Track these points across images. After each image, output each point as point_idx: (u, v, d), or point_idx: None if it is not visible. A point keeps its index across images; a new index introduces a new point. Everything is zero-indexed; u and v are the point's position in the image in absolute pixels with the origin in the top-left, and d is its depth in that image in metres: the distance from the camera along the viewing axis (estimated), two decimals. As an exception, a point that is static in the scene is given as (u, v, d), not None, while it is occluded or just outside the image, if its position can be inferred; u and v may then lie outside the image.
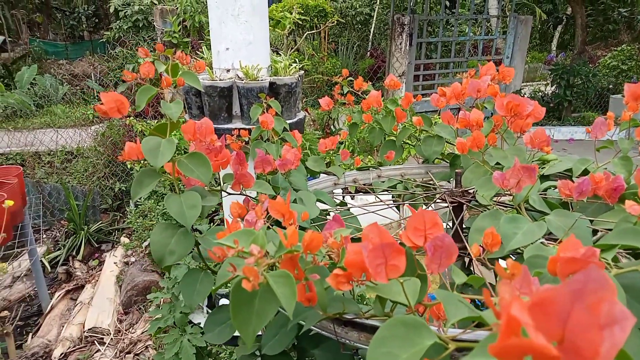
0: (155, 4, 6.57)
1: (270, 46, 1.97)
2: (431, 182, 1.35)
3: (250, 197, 1.02)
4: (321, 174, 1.40)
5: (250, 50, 1.69)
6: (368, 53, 8.51)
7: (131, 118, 4.72)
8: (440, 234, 0.52)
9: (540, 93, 7.57)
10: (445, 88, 1.17)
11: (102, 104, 0.76)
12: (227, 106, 1.68)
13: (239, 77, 1.66)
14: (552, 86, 7.33)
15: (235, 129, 1.41)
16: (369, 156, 4.09)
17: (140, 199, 4.30)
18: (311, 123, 4.77)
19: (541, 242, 0.80)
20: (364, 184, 1.37)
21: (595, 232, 0.92)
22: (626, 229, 0.62)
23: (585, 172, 1.16)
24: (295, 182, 1.16)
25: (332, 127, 4.54)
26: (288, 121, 1.71)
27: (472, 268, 1.02)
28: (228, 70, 1.70)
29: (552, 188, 1.12)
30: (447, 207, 0.97)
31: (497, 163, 1.10)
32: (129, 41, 6.84)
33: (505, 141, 1.07)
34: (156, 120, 4.39)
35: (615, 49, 8.50)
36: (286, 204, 0.57)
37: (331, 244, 0.56)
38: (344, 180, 1.36)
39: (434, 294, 0.50)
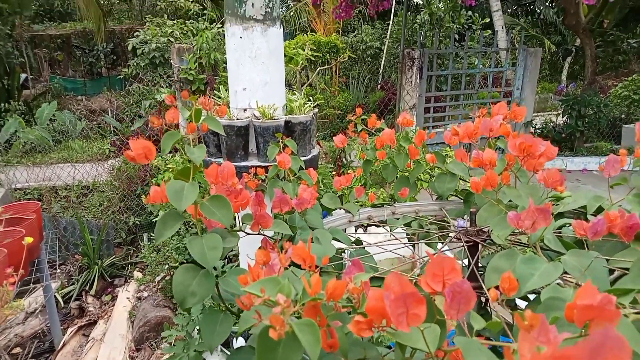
0: (172, 42, 6.80)
1: (295, 96, 2.04)
2: (445, 219, 1.36)
3: (268, 237, 1.04)
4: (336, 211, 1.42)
5: (267, 90, 1.74)
6: (379, 86, 8.64)
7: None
8: (459, 280, 0.54)
9: (551, 124, 7.58)
10: (458, 127, 1.20)
11: (130, 149, 0.80)
12: (244, 144, 1.73)
13: (255, 116, 1.71)
14: (563, 117, 7.33)
15: (252, 166, 1.44)
16: (382, 189, 4.11)
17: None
18: (323, 156, 4.82)
19: (557, 283, 0.80)
20: (379, 221, 1.39)
21: (611, 271, 0.92)
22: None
23: (600, 210, 1.16)
24: (311, 221, 1.18)
25: (343, 159, 4.59)
26: (303, 158, 1.75)
27: (488, 307, 1.02)
28: (245, 110, 1.75)
29: (567, 225, 1.12)
30: (462, 245, 0.98)
31: (511, 201, 1.11)
32: (146, 77, 7.06)
33: (519, 179, 1.08)
34: (171, 155, 4.48)
35: (625, 79, 8.52)
36: (307, 250, 0.59)
37: (352, 290, 0.57)
38: (359, 217, 1.38)
39: (454, 340, 0.51)
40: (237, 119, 1.70)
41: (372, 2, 7.37)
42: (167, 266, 3.77)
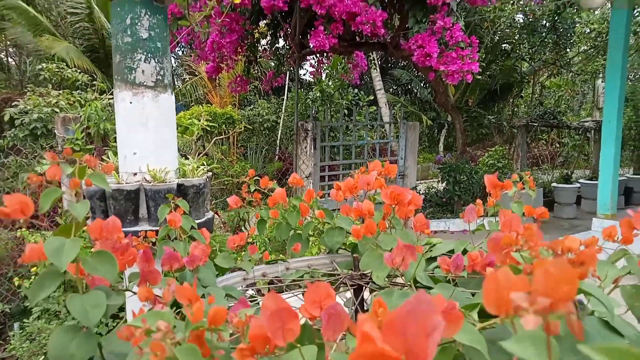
0: (57, 112, 6.46)
1: (179, 151, 2.06)
2: (336, 271, 1.43)
3: (157, 295, 1.02)
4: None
5: (158, 154, 1.75)
6: (276, 157, 8.91)
7: (23, 230, 4.36)
8: (333, 303, 0.59)
9: (433, 189, 8.35)
10: (340, 183, 1.31)
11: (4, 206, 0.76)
12: (134, 209, 1.69)
13: (146, 179, 1.70)
14: (442, 183, 8.14)
15: (142, 231, 1.41)
16: (281, 255, 4.13)
17: (28, 319, 3.83)
18: (222, 225, 4.76)
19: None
20: (274, 277, 1.42)
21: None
22: (488, 290, 0.74)
23: (465, 251, 1.33)
24: (203, 279, 1.17)
25: (242, 228, 4.57)
26: (197, 221, 1.74)
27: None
28: (135, 174, 1.73)
29: (438, 268, 1.26)
30: (348, 289, 1.05)
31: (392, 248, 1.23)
32: (25, 149, 6.53)
33: (394, 227, 1.21)
34: (52, 233, 4.10)
35: (490, 149, 9.79)
36: (193, 290, 0.62)
37: (236, 323, 0.60)
38: (253, 275, 1.40)
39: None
40: (127, 183, 1.67)
41: (267, 78, 7.79)
42: (42, 358, 3.32)
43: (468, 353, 0.68)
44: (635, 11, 9.20)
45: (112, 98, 5.44)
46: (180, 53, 16.07)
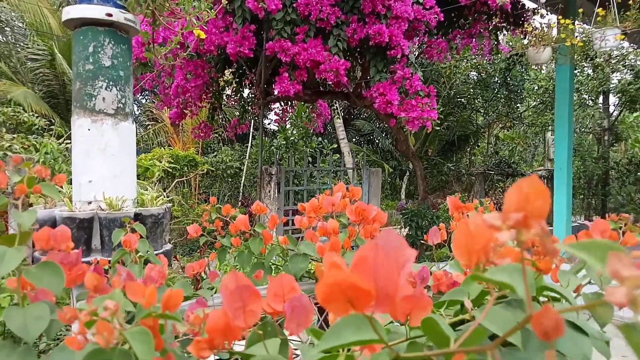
0: (8, 154, 6.20)
1: (148, 190, 1.99)
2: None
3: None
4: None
5: (116, 182, 1.69)
6: (239, 203, 8.80)
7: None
8: (298, 295, 0.56)
9: (397, 234, 8.41)
10: (305, 204, 1.29)
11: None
12: (87, 239, 1.60)
13: (101, 208, 1.62)
14: (405, 228, 8.22)
15: (94, 258, 1.33)
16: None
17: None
18: (180, 270, 4.58)
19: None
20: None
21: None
22: (456, 291, 0.73)
23: (430, 273, 1.32)
24: (159, 303, 1.10)
25: (202, 274, 4.40)
26: (155, 252, 1.66)
27: None
28: (89, 203, 1.65)
29: (405, 288, 1.25)
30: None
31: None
32: (-29, 193, 6.18)
33: (358, 245, 1.19)
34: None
35: (450, 196, 10.05)
36: (147, 285, 0.57)
37: (193, 320, 0.56)
38: (213, 302, 1.33)
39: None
40: (80, 211, 1.59)
41: (231, 125, 7.83)
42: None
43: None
44: (577, 69, 9.99)
45: (70, 143, 5.30)
46: (143, 101, 16.04)
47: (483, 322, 0.54)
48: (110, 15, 1.73)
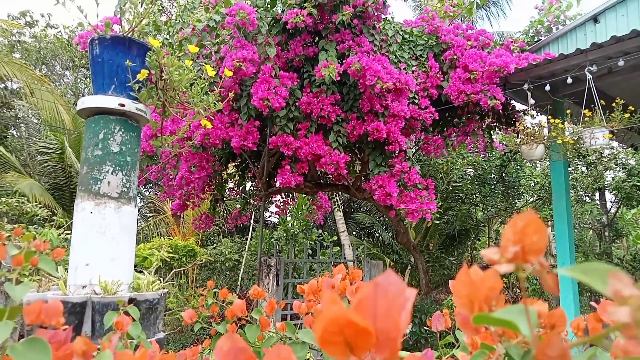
0: (7, 244, 6.16)
1: (144, 274, 1.96)
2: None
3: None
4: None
5: (113, 266, 1.66)
6: (236, 295, 8.54)
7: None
8: None
9: (400, 332, 8.05)
10: (305, 286, 1.26)
11: None
12: (77, 324, 1.54)
13: (95, 292, 1.58)
14: (409, 325, 7.89)
15: (83, 344, 1.27)
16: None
17: None
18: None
19: None
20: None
21: None
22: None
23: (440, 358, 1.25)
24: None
25: None
26: (148, 340, 1.59)
27: None
28: (84, 287, 1.61)
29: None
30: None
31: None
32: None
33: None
34: None
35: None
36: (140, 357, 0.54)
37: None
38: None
39: None
40: (74, 295, 1.55)
41: (232, 217, 7.88)
42: None
43: None
44: (571, 167, 10.28)
45: (70, 233, 5.30)
46: (146, 193, 16.29)
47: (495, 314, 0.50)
48: (122, 105, 1.83)
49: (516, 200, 12.75)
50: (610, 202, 11.71)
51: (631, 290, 0.22)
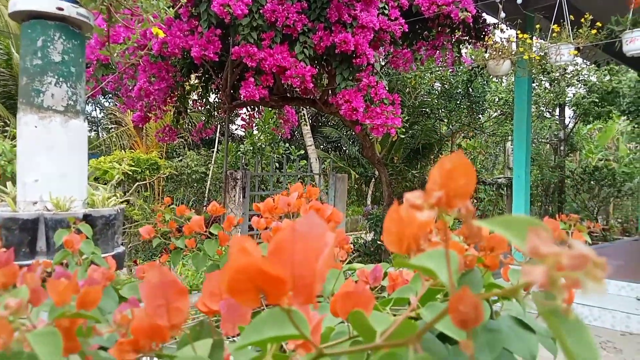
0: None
1: (99, 191, 1.91)
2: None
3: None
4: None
5: (64, 182, 1.61)
6: (204, 207, 8.64)
7: None
8: (234, 293, 0.54)
9: (362, 240, 8.46)
10: (260, 204, 1.27)
11: None
12: (30, 241, 1.51)
13: (47, 208, 1.54)
14: (370, 233, 8.27)
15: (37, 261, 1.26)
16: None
17: None
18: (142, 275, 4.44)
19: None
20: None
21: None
22: (404, 288, 0.72)
23: (386, 274, 1.31)
24: (103, 307, 1.05)
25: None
26: (105, 254, 1.59)
27: None
28: (35, 203, 1.57)
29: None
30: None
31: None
32: None
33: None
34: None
35: (415, 203, 10.20)
36: (72, 282, 0.53)
37: (120, 321, 0.52)
38: (163, 308, 1.28)
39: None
40: (23, 212, 1.51)
41: (196, 129, 7.70)
42: None
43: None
44: (534, 82, 10.37)
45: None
46: (106, 104, 15.60)
47: (423, 314, 0.53)
48: (61, 9, 1.66)
49: (480, 115, 12.96)
50: (569, 118, 12.07)
51: (549, 248, 0.21)
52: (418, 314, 0.66)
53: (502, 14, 5.08)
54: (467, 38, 6.64)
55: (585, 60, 9.19)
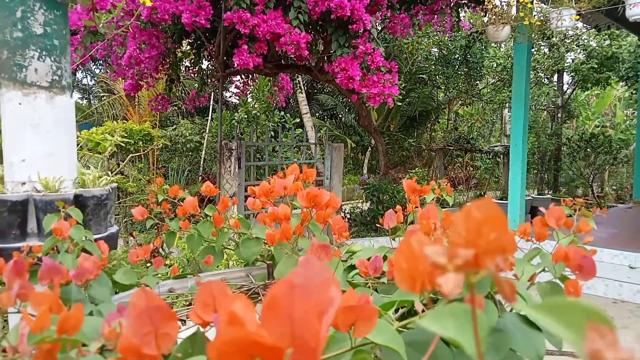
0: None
1: (90, 170, 1.85)
2: (252, 284, 1.33)
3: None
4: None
5: (52, 162, 1.56)
6: (200, 177, 8.60)
7: None
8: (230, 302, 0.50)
9: (358, 209, 8.47)
10: (255, 187, 1.23)
11: None
12: (20, 223, 1.48)
13: (36, 189, 1.50)
14: (367, 203, 8.28)
15: (27, 245, 1.23)
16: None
17: None
18: (137, 247, 4.43)
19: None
20: (182, 293, 1.28)
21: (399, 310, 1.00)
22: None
23: (385, 258, 1.29)
24: (96, 295, 1.02)
25: (160, 250, 4.28)
26: (97, 236, 1.56)
27: None
28: (23, 184, 1.52)
29: (359, 275, 1.21)
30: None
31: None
32: None
33: (313, 231, 1.14)
34: None
35: (411, 171, 10.19)
36: (54, 295, 0.50)
37: (108, 335, 0.49)
38: (159, 291, 1.25)
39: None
40: (12, 193, 1.46)
41: (189, 98, 7.54)
42: None
43: (386, 356, 0.61)
44: (534, 48, 10.18)
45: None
46: (97, 71, 15.25)
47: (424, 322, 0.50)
48: (41, -24, 1.56)
49: (477, 82, 12.78)
50: (567, 84, 11.93)
51: (615, 354, 0.17)
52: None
53: (504, -22, 4.92)
54: (466, 1, 6.46)
55: (585, 25, 9.00)
